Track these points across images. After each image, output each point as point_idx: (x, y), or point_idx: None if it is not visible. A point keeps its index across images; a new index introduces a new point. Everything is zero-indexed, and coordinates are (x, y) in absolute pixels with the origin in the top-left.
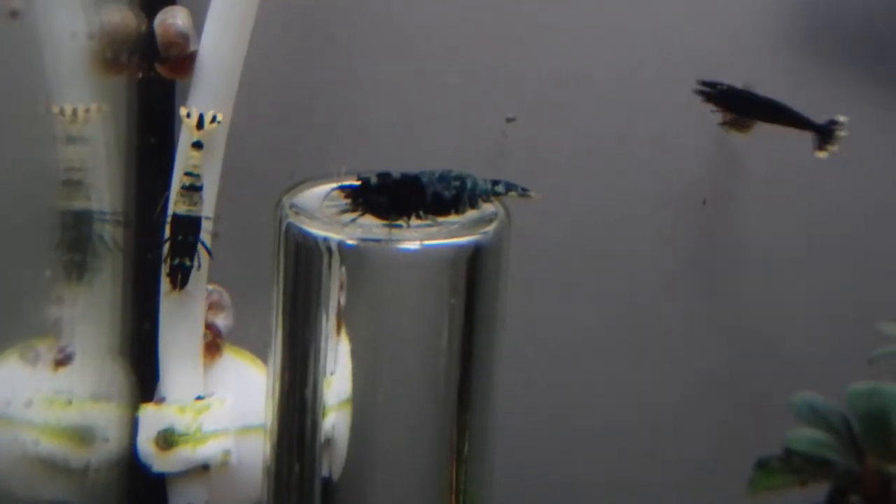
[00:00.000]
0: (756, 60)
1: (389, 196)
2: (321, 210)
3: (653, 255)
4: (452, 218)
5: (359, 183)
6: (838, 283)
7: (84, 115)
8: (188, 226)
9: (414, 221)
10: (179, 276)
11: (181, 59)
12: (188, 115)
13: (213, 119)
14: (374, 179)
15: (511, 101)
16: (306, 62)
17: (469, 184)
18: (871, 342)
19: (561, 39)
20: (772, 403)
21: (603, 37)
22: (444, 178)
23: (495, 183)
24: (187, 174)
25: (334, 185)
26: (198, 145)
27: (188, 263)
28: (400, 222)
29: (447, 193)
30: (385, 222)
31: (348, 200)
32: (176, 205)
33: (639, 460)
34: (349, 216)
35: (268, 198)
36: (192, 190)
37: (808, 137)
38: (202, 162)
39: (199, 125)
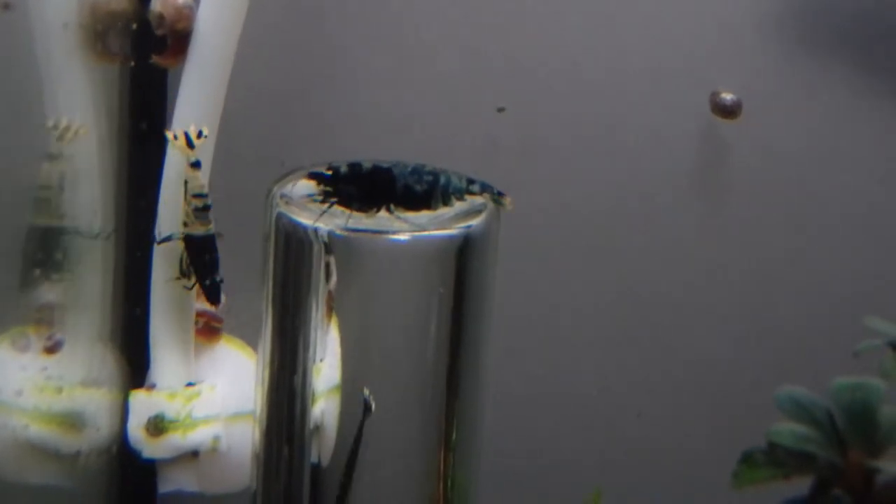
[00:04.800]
0: (746, 49)
1: (359, 186)
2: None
3: (642, 244)
4: (423, 213)
5: (329, 172)
6: (824, 277)
7: (72, 134)
8: (208, 245)
9: (383, 214)
10: (215, 294)
11: (178, 42)
12: (175, 138)
13: (200, 134)
14: (344, 169)
15: (502, 91)
16: (298, 49)
17: (442, 180)
18: (856, 336)
19: (552, 29)
20: (758, 396)
21: (593, 26)
22: (416, 171)
23: (470, 182)
24: (196, 196)
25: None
26: (196, 165)
27: (219, 279)
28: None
29: (418, 187)
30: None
31: (318, 190)
32: (191, 227)
33: (627, 449)
34: (320, 206)
35: (258, 186)
36: (205, 210)
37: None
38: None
39: (189, 145)
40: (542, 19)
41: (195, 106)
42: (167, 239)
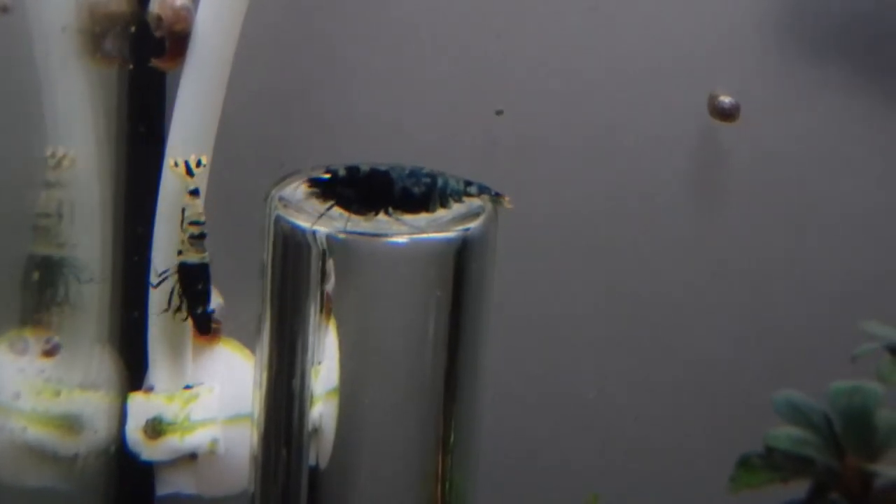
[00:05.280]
0: (745, 52)
1: (357, 190)
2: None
3: (641, 246)
4: (422, 216)
5: (327, 176)
6: (822, 280)
7: (68, 161)
8: (201, 274)
9: (381, 217)
10: (205, 324)
11: (177, 44)
12: (175, 165)
13: (199, 163)
14: (342, 172)
15: (500, 94)
16: (297, 51)
17: (440, 182)
18: (854, 339)
19: (550, 32)
20: (756, 399)
21: (591, 28)
22: (414, 174)
23: (468, 184)
24: (193, 223)
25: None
26: (195, 193)
27: (210, 309)
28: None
29: (416, 190)
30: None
31: (316, 193)
32: (186, 255)
33: (624, 452)
34: (318, 209)
35: (258, 187)
36: (201, 238)
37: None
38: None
39: (189, 173)
40: (540, 22)
41: (194, 107)
42: (165, 274)
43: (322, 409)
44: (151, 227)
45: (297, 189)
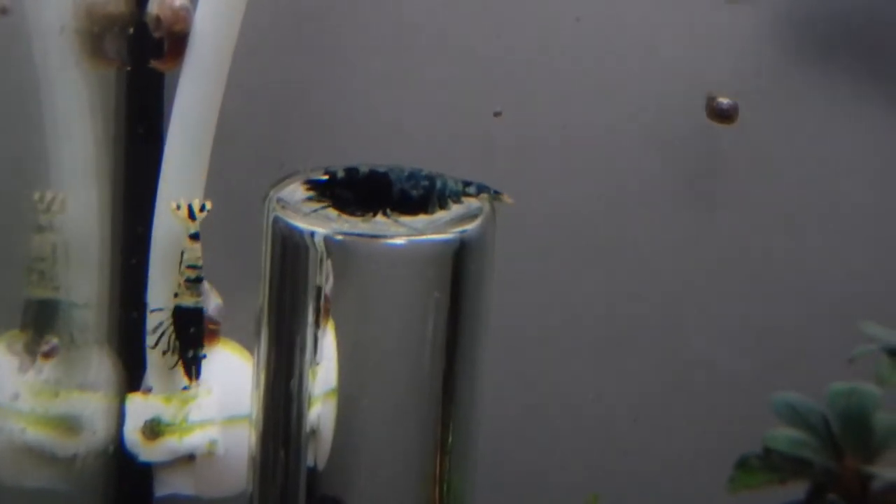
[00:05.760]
0: (743, 55)
1: (356, 191)
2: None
3: (639, 248)
4: (420, 217)
5: (326, 177)
6: (821, 282)
7: (59, 204)
8: (195, 317)
9: (380, 218)
10: (194, 368)
11: (175, 44)
12: (178, 208)
13: (203, 208)
14: (340, 173)
15: (499, 95)
16: (296, 51)
17: (439, 184)
18: (852, 341)
19: (549, 33)
20: (754, 401)
21: (590, 29)
22: (413, 176)
23: (467, 184)
24: (190, 267)
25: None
26: (195, 237)
27: (202, 353)
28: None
29: (415, 192)
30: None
31: (315, 194)
32: (181, 298)
33: (623, 454)
34: (313, 208)
35: (257, 187)
36: (197, 282)
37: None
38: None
39: (191, 216)
40: (539, 23)
41: (193, 108)
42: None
43: (320, 410)
44: (150, 227)
45: (296, 190)
